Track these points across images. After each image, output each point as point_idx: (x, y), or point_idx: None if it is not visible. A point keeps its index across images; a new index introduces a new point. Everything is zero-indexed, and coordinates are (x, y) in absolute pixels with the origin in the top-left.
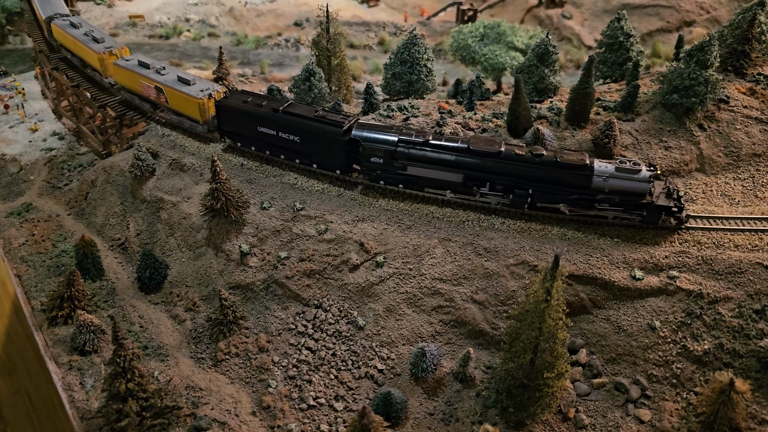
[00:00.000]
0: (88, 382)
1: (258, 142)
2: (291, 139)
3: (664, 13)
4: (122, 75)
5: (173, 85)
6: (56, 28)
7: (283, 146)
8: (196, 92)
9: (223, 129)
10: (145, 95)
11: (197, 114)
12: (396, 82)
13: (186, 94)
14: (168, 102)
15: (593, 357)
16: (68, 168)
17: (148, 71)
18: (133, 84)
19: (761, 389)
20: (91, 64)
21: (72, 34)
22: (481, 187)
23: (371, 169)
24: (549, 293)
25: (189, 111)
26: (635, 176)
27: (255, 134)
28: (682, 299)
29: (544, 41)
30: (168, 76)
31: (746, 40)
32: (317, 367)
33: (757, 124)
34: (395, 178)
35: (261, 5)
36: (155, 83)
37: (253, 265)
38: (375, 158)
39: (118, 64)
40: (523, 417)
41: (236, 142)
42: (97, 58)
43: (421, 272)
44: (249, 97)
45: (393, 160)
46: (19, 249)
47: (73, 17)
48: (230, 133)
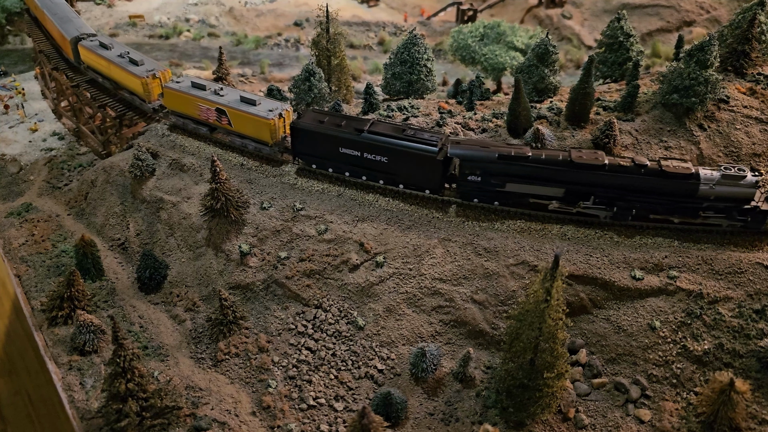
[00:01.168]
0: (88, 382)
1: (338, 164)
2: (378, 160)
3: (664, 13)
4: (174, 99)
5: (238, 107)
6: (84, 50)
7: (367, 167)
8: (265, 113)
9: (298, 151)
10: (203, 119)
11: (267, 136)
12: (396, 82)
13: (254, 116)
14: (231, 124)
15: (593, 357)
16: (68, 168)
17: (204, 93)
18: (187, 107)
19: (761, 389)
20: (130, 88)
21: (105, 56)
22: (584, 200)
23: (467, 187)
24: (549, 293)
25: (257, 133)
26: (741, 182)
27: (336, 155)
28: (682, 299)
29: (544, 41)
30: (229, 97)
31: (746, 40)
32: (317, 367)
33: (757, 124)
34: (492, 195)
35: (261, 5)
36: (216, 105)
37: (253, 265)
38: (472, 176)
39: (169, 87)
40: (523, 417)
41: (311, 163)
42: (140, 82)
43: (421, 272)
44: (325, 117)
45: (491, 177)
46: (19, 249)
47: (101, 37)
48: (305, 155)
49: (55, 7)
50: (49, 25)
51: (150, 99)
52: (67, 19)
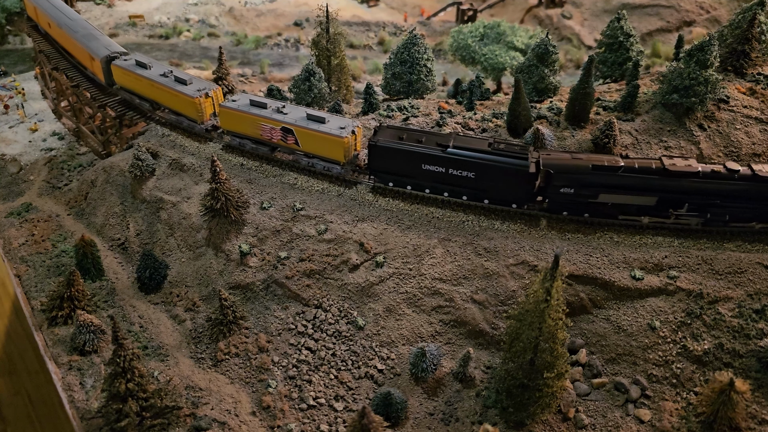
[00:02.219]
0: (88, 382)
1: (419, 181)
2: (464, 175)
3: (664, 13)
4: (231, 118)
5: (306, 125)
6: (119, 70)
7: (452, 183)
8: (338, 131)
9: (375, 169)
10: (266, 138)
11: (340, 155)
12: (396, 82)
13: (326, 134)
14: (299, 144)
15: (593, 357)
16: (68, 168)
17: (266, 111)
18: (247, 127)
19: (761, 389)
20: (177, 109)
21: (145, 76)
22: (677, 208)
23: (558, 199)
24: (549, 293)
25: (329, 152)
26: None
27: (417, 172)
28: (682, 299)
29: (544, 41)
30: (294, 115)
31: (746, 39)
32: (317, 367)
33: (756, 124)
34: (583, 207)
35: (261, 5)
36: (282, 124)
37: (253, 265)
38: (565, 188)
39: (227, 106)
40: (523, 417)
41: (388, 182)
42: (191, 103)
43: (421, 272)
44: (403, 133)
45: (584, 189)
46: (19, 249)
47: (136, 55)
48: (383, 173)
49: (75, 24)
50: (68, 43)
51: (202, 119)
52: (91, 36)
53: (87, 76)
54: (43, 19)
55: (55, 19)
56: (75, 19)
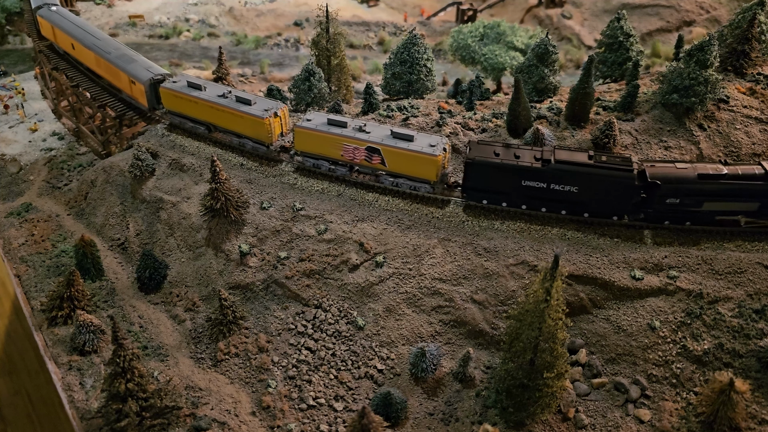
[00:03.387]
0: (87, 382)
1: (517, 197)
2: (567, 190)
3: (664, 12)
4: (308, 139)
5: (394, 144)
6: (168, 92)
7: (552, 198)
8: (430, 149)
9: (471, 187)
10: (347, 159)
11: (432, 174)
12: (396, 82)
13: (418, 153)
14: (385, 164)
15: (593, 357)
16: (68, 168)
17: (348, 130)
18: (325, 148)
19: (761, 389)
20: (241, 132)
21: (202, 98)
22: None
23: (663, 210)
24: (549, 293)
25: (419, 171)
26: None
27: (516, 188)
28: (682, 299)
29: (544, 41)
30: (378, 133)
31: (746, 39)
32: (317, 367)
33: (756, 124)
34: (686, 215)
35: (261, 5)
36: (367, 144)
37: (252, 265)
38: (671, 199)
39: (303, 127)
40: (522, 417)
41: (482, 199)
42: (261, 124)
43: (421, 272)
44: (498, 148)
45: (688, 198)
46: (19, 249)
47: (185, 76)
48: (478, 190)
49: (106, 44)
50: (98, 65)
51: (271, 141)
52: (127, 58)
53: (120, 98)
54: (63, 39)
55: (81, 39)
56: (103, 39)
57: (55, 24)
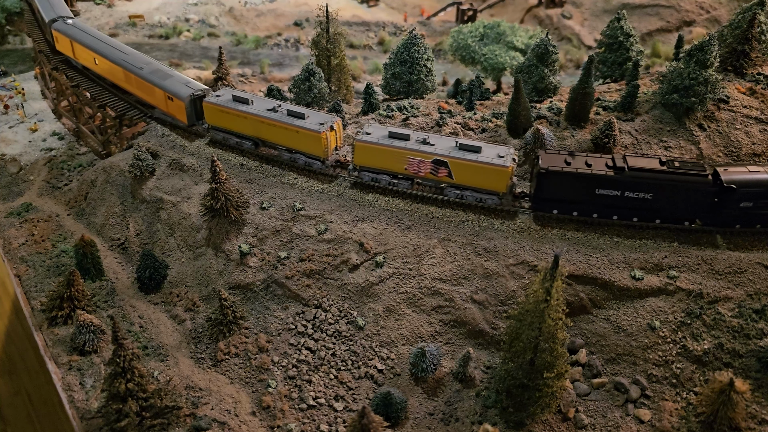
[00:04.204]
0: (87, 382)
1: (590, 206)
2: (641, 197)
3: (664, 13)
4: (369, 153)
5: (462, 156)
6: (212, 107)
7: (626, 206)
8: (500, 160)
9: (543, 197)
10: (411, 172)
11: (502, 185)
12: (396, 82)
13: (487, 165)
14: (452, 176)
15: (593, 357)
16: (68, 168)
17: (412, 143)
18: (388, 162)
19: (761, 389)
20: (295, 147)
21: (250, 112)
22: None
23: (735, 214)
24: (549, 293)
25: (488, 183)
26: None
27: (590, 197)
28: (682, 299)
29: (544, 41)
30: (443, 145)
31: (746, 39)
32: (317, 367)
33: (756, 124)
34: (757, 218)
35: (261, 5)
36: (433, 156)
37: (252, 265)
38: (745, 203)
39: (364, 141)
40: (522, 417)
41: (552, 209)
42: (317, 139)
43: (421, 272)
44: (567, 157)
45: (763, 201)
46: (19, 249)
47: (228, 90)
48: (549, 201)
49: (135, 59)
50: (127, 81)
51: (327, 155)
52: (162, 73)
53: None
54: (83, 54)
55: (106, 54)
56: (131, 54)
57: (74, 38)
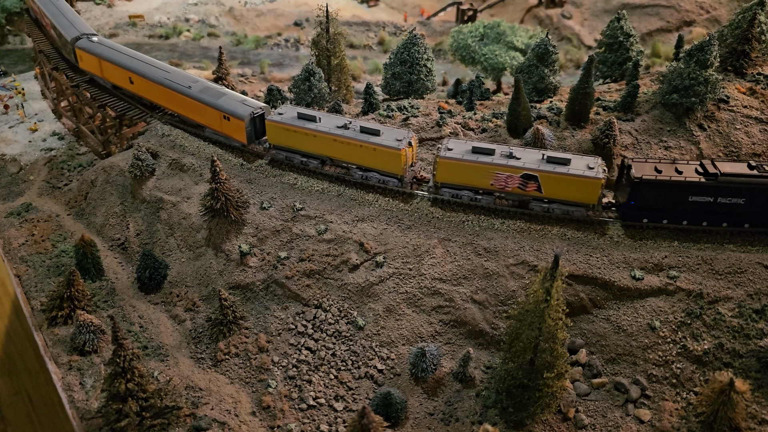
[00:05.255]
0: (87, 382)
1: (681, 213)
2: (733, 202)
3: (664, 13)
4: (453, 169)
5: (554, 170)
6: (276, 126)
7: (718, 212)
8: (591, 172)
9: (635, 206)
10: (498, 187)
11: (594, 197)
12: (396, 82)
13: (580, 177)
14: (541, 190)
15: (593, 357)
16: (68, 168)
17: (498, 158)
18: (473, 177)
19: (761, 389)
20: (369, 165)
21: (319, 130)
22: None
23: None
24: (549, 293)
25: (579, 195)
26: None
27: (681, 204)
28: (682, 299)
29: (544, 41)
30: (530, 158)
31: (746, 39)
32: (317, 367)
33: (756, 124)
34: None
35: (261, 5)
36: (522, 171)
37: (252, 265)
38: None
39: (448, 158)
40: (522, 417)
41: (642, 218)
42: (395, 156)
43: (421, 272)
44: (657, 165)
45: None
46: (19, 249)
47: (292, 107)
48: (640, 209)
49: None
50: (172, 100)
51: (405, 173)
52: (213, 91)
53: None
54: (115, 72)
55: (145, 73)
56: (173, 72)
57: (102, 57)
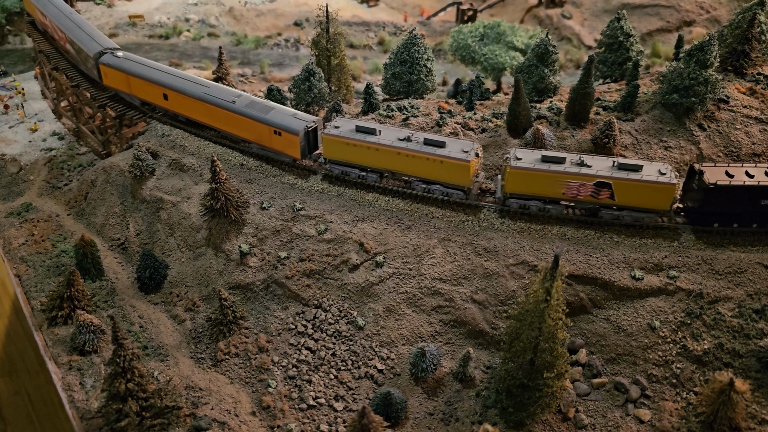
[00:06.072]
0: (87, 382)
1: (752, 216)
2: None
3: (664, 13)
4: (525, 179)
5: (627, 176)
6: (333, 140)
7: None
8: (664, 177)
9: (707, 211)
10: (569, 196)
11: (666, 203)
12: (396, 82)
13: (654, 183)
14: (614, 197)
15: (593, 357)
16: (68, 168)
17: (570, 167)
18: (544, 187)
19: (761, 389)
20: (434, 178)
21: (380, 143)
22: None
23: None
24: (549, 293)
25: (652, 202)
26: None
27: (753, 208)
28: (682, 299)
29: (544, 41)
30: (601, 165)
31: (746, 39)
32: (317, 367)
33: (756, 124)
34: None
35: (261, 5)
36: (596, 179)
37: (252, 265)
38: None
39: (520, 167)
40: (522, 417)
41: (712, 222)
42: (462, 168)
43: (421, 272)
44: (729, 170)
45: None
46: (19, 249)
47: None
48: (711, 214)
49: (221, 92)
50: (214, 116)
51: (469, 184)
52: (261, 106)
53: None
54: (145, 88)
55: (182, 89)
56: (213, 87)
57: (131, 72)
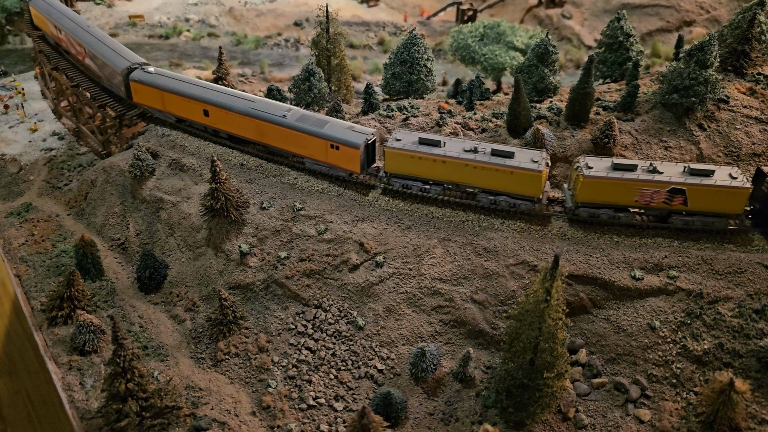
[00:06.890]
0: (87, 382)
1: None
2: None
3: (664, 13)
4: (597, 188)
5: (701, 182)
6: (396, 153)
7: None
8: (736, 182)
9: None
10: (642, 203)
11: (740, 206)
12: (396, 82)
13: (727, 188)
14: (687, 203)
15: (593, 357)
16: (68, 168)
17: (641, 174)
18: (617, 194)
19: (761, 389)
20: (502, 189)
21: (448, 155)
22: None
23: None
24: (549, 293)
25: (724, 206)
26: None
27: None
28: (682, 299)
29: (544, 41)
30: (673, 171)
31: (746, 39)
32: (317, 367)
33: (756, 124)
34: None
35: (261, 5)
36: (670, 185)
37: (252, 265)
38: None
39: (595, 176)
40: (522, 417)
41: None
42: (534, 178)
43: (421, 272)
44: None
45: None
46: (19, 249)
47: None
48: None
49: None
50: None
51: (538, 194)
52: (315, 120)
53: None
54: (181, 104)
55: (223, 104)
56: (258, 101)
57: (165, 89)
